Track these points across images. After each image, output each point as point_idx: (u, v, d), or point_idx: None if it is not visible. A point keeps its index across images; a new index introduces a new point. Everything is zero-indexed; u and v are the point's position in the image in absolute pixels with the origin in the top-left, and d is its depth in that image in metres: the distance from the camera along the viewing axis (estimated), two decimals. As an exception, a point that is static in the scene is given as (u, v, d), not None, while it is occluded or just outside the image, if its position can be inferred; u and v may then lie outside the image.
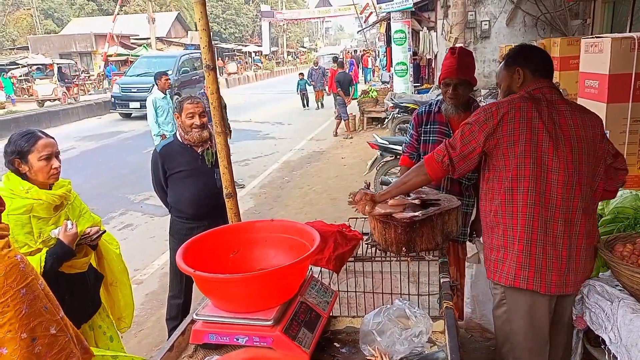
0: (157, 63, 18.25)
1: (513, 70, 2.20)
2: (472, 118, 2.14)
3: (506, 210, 2.11)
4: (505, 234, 2.13)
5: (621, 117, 4.11)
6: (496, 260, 2.18)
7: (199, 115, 3.23)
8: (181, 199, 3.36)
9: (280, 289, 1.67)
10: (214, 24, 46.40)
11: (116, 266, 2.65)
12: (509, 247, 2.13)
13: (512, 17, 11.42)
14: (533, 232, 2.07)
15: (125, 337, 3.99)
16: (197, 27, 2.63)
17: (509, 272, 2.13)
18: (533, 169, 2.05)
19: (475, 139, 2.11)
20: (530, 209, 2.07)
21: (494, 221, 2.17)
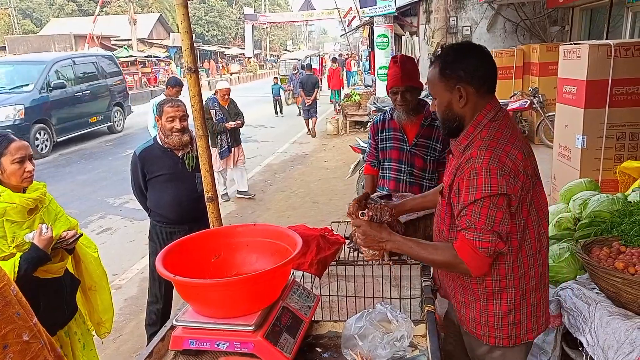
0: (10, 73, 12.53)
1: (452, 86, 1.77)
2: (493, 186, 1.65)
3: (519, 270, 1.81)
4: (519, 294, 1.83)
5: (598, 122, 4.21)
6: (504, 327, 1.85)
7: (179, 119, 3.19)
8: (161, 203, 3.32)
9: (261, 294, 1.66)
10: (196, 26, 46.13)
11: (94, 270, 2.60)
12: (524, 306, 1.84)
13: (493, 23, 11.61)
14: (545, 275, 1.90)
15: (104, 344, 3.92)
16: (179, 29, 2.60)
17: (523, 330, 1.87)
18: (530, 217, 1.79)
19: (511, 208, 1.71)
20: (541, 256, 1.86)
21: (499, 287, 1.82)
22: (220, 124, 6.92)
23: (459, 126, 1.81)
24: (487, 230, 1.67)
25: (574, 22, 9.77)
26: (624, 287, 1.95)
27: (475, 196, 1.67)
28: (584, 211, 2.86)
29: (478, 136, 1.75)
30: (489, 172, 1.65)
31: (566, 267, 2.48)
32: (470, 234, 1.70)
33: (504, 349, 1.89)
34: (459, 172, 1.74)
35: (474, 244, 1.69)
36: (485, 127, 1.75)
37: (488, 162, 1.66)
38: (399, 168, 3.10)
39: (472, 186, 1.68)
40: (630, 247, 2.22)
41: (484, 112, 1.77)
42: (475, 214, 1.68)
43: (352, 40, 31.13)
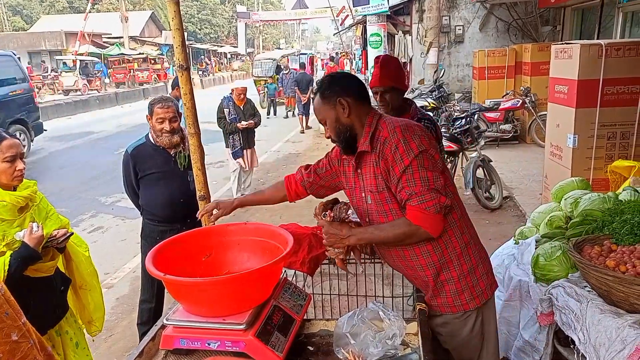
0: None
1: (334, 102, 1.93)
2: (413, 148, 1.82)
3: (467, 224, 2.02)
4: (477, 246, 2.04)
5: (589, 121, 4.23)
6: (471, 287, 1.98)
7: (169, 120, 3.16)
8: (153, 201, 3.30)
9: (252, 293, 1.65)
10: (189, 24, 45.93)
11: (85, 269, 2.58)
12: (484, 257, 2.06)
13: (485, 22, 11.66)
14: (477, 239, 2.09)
15: (96, 342, 3.90)
16: (170, 26, 2.58)
17: (484, 287, 2.01)
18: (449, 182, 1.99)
19: (437, 162, 1.89)
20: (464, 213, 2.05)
21: (463, 243, 1.97)
22: (232, 124, 6.70)
23: (352, 135, 1.96)
24: (425, 190, 1.81)
25: (565, 22, 9.83)
26: (615, 285, 1.96)
27: (404, 163, 1.82)
28: (575, 210, 2.87)
29: (379, 128, 1.92)
30: (405, 140, 1.83)
31: (558, 265, 2.49)
32: (414, 200, 1.82)
33: (478, 308, 2.02)
34: (381, 157, 1.88)
35: (421, 207, 1.81)
36: (382, 123, 1.93)
37: (401, 132, 1.85)
38: None
39: (397, 158, 1.83)
40: (621, 245, 2.23)
41: (370, 114, 1.96)
42: (410, 181, 1.82)
43: (346, 39, 31.17)
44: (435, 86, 10.08)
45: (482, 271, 2.02)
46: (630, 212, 2.35)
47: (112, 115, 19.56)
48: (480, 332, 2.09)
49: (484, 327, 2.09)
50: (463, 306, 1.99)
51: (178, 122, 3.21)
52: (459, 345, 2.12)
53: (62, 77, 25.36)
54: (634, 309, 1.95)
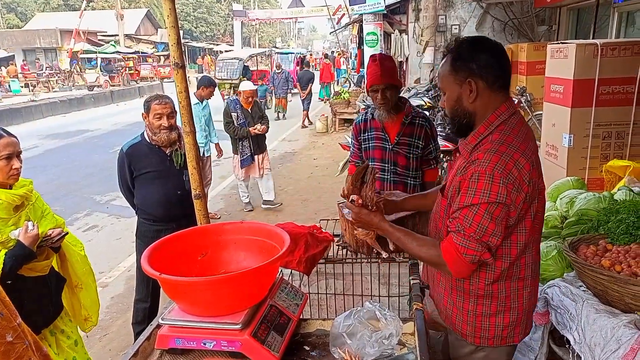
0: None
1: (462, 79, 1.68)
2: (492, 192, 1.58)
3: (514, 275, 1.77)
4: (510, 298, 1.80)
5: (584, 121, 4.24)
6: (477, 327, 1.84)
7: (167, 116, 3.15)
8: (148, 200, 3.28)
9: (248, 292, 1.64)
10: (184, 22, 45.79)
11: (80, 268, 2.57)
12: (513, 310, 1.81)
13: (482, 21, 11.66)
14: (537, 281, 1.87)
15: (90, 342, 3.89)
16: (165, 23, 2.57)
17: (493, 335, 1.84)
18: (535, 227, 1.74)
19: (509, 219, 1.64)
20: (535, 267, 1.84)
21: (491, 290, 1.78)
22: (242, 129, 6.26)
23: (468, 123, 1.72)
24: (475, 238, 1.63)
25: (561, 21, 9.85)
26: (610, 285, 1.97)
27: (472, 200, 1.62)
28: (571, 209, 2.89)
29: (489, 138, 1.67)
30: (491, 178, 1.58)
31: (553, 265, 2.50)
32: (458, 237, 1.66)
33: (489, 349, 1.87)
34: (462, 172, 1.69)
35: (459, 249, 1.65)
36: (497, 130, 1.67)
37: (493, 167, 1.58)
38: (382, 167, 3.10)
39: (471, 188, 1.62)
40: (616, 245, 2.24)
41: (497, 112, 1.68)
42: (468, 219, 1.64)
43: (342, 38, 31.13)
44: (432, 85, 10.08)
45: (508, 321, 1.81)
46: (625, 211, 2.36)
47: (107, 113, 19.48)
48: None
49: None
50: (461, 334, 1.91)
51: (175, 119, 3.19)
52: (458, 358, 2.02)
53: (85, 74, 27.98)
54: (629, 308, 1.96)
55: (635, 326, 1.86)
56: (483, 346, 1.86)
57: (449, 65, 1.71)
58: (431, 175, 3.26)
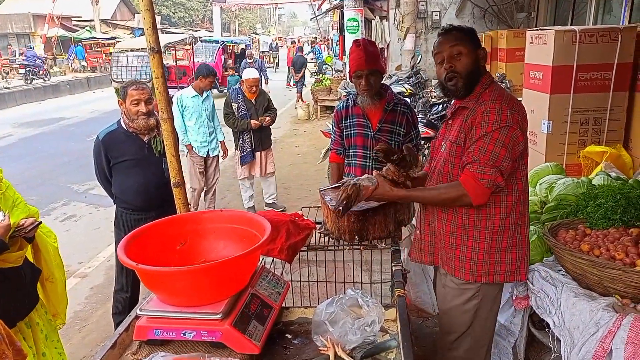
0: None
1: (477, 47, 2.07)
2: (503, 120, 1.90)
3: (520, 211, 2.06)
4: (517, 233, 2.08)
5: (563, 107, 4.27)
6: (479, 262, 2.07)
7: (144, 102, 3.08)
8: (127, 189, 3.22)
9: (229, 281, 1.61)
10: (162, 7, 44.88)
11: (52, 261, 2.50)
12: (518, 245, 2.09)
13: (461, 8, 11.68)
14: (529, 224, 2.17)
15: (69, 333, 3.83)
16: (140, 7, 2.49)
17: (493, 270, 2.08)
18: (526, 168, 2.08)
19: (518, 144, 1.93)
20: (528, 205, 2.14)
21: (503, 225, 2.04)
22: (243, 121, 5.62)
23: (474, 81, 2.04)
24: (489, 164, 1.89)
25: (539, 8, 9.90)
26: (589, 268, 1.99)
27: (486, 129, 1.90)
28: (550, 195, 2.91)
29: (486, 91, 2.02)
30: (500, 110, 1.91)
31: (533, 249, 2.51)
32: (474, 166, 1.92)
33: (488, 289, 2.12)
34: (471, 114, 1.97)
35: (477, 175, 1.91)
36: (490, 86, 2.04)
37: (501, 102, 1.94)
38: (364, 154, 3.08)
39: (483, 121, 1.92)
40: (595, 229, 2.27)
41: (486, 75, 2.07)
42: (482, 149, 1.91)
43: (323, 25, 30.88)
44: (413, 72, 10.05)
45: (503, 258, 2.07)
46: (603, 196, 2.38)
47: (84, 100, 19.05)
48: (474, 311, 2.15)
49: (479, 309, 2.15)
50: (464, 274, 2.09)
51: (153, 104, 3.12)
52: (448, 311, 2.21)
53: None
54: (607, 292, 1.99)
55: (613, 309, 1.89)
56: (489, 285, 2.11)
57: (464, 34, 2.05)
58: None
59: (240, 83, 5.95)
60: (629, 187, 2.56)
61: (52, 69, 25.74)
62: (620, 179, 3.02)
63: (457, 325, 2.21)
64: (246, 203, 6.15)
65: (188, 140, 5.57)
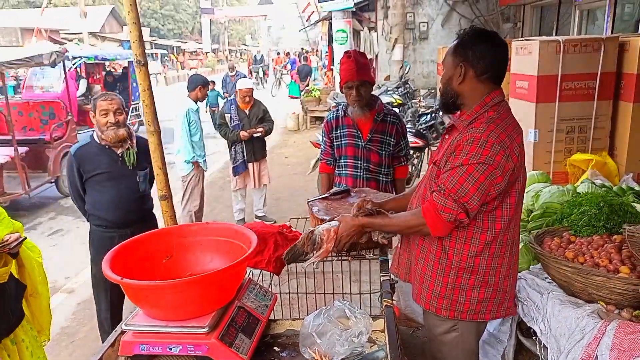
0: None
1: (457, 63, 1.85)
2: (482, 155, 1.72)
3: (495, 252, 1.89)
4: (489, 275, 1.90)
5: (549, 116, 4.32)
6: (454, 300, 1.94)
7: (113, 112, 2.98)
8: (100, 204, 3.11)
9: (215, 294, 1.61)
10: (151, 20, 44.93)
11: (36, 276, 2.47)
12: (489, 286, 1.92)
13: (448, 19, 11.83)
14: (515, 265, 2.00)
15: (56, 349, 3.77)
16: (127, 20, 2.50)
17: (468, 308, 1.94)
18: (518, 206, 1.89)
19: (494, 185, 1.75)
20: (516, 246, 1.97)
21: (473, 263, 1.88)
22: (233, 132, 5.56)
23: (454, 102, 1.89)
24: (454, 198, 1.75)
25: (525, 19, 10.06)
26: (574, 276, 2.01)
27: (462, 161, 1.75)
28: (536, 203, 2.94)
29: (484, 115, 1.82)
30: (485, 143, 1.73)
31: (520, 257, 2.54)
32: (437, 196, 1.80)
33: (462, 327, 1.97)
34: (458, 138, 1.81)
35: (437, 207, 1.78)
36: (492, 109, 1.83)
37: (488, 134, 1.74)
38: (355, 164, 3.09)
39: (464, 151, 1.75)
40: (579, 237, 2.29)
41: (492, 95, 1.85)
42: (453, 179, 1.76)
43: (313, 36, 31.09)
44: (401, 82, 10.16)
45: (482, 297, 1.92)
46: (587, 204, 2.41)
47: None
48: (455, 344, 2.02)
49: (460, 343, 2.02)
50: (436, 310, 1.98)
51: (124, 116, 3.05)
52: (431, 341, 2.11)
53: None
54: (592, 298, 2.01)
55: (598, 316, 1.90)
56: (456, 322, 1.96)
57: (453, 47, 1.88)
58: (401, 172, 3.28)
59: (235, 93, 5.90)
60: (613, 194, 2.59)
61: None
62: (605, 186, 3.06)
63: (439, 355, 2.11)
64: (236, 215, 6.09)
65: (195, 157, 5.33)
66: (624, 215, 2.32)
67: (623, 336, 1.74)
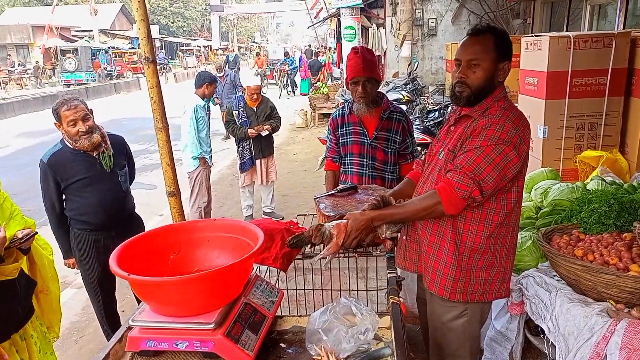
0: None
1: (501, 60, 1.92)
2: (500, 137, 1.82)
3: (502, 232, 1.96)
4: (495, 255, 1.98)
5: (558, 112, 4.28)
6: (466, 282, 1.99)
7: (81, 120, 2.86)
8: (84, 209, 3.04)
9: (221, 291, 1.61)
10: (161, 17, 45.16)
11: (47, 273, 2.49)
12: (494, 266, 1.99)
13: (457, 15, 11.74)
14: (515, 246, 2.08)
15: (66, 344, 3.81)
16: (135, 17, 2.51)
17: (477, 289, 2.01)
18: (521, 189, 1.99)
19: (510, 167, 1.83)
20: (517, 227, 2.04)
21: (485, 244, 1.95)
22: (241, 129, 5.60)
23: (484, 95, 1.95)
24: (469, 176, 1.81)
25: (535, 14, 9.96)
26: (583, 274, 1.99)
27: (481, 143, 1.83)
28: (545, 200, 2.92)
29: (496, 104, 1.92)
30: (502, 127, 1.83)
31: (528, 255, 2.52)
32: (453, 174, 1.85)
33: (470, 306, 2.04)
34: (474, 124, 1.90)
35: (453, 184, 1.83)
36: (502, 99, 1.95)
37: (505, 119, 1.85)
38: (360, 162, 3.08)
39: (481, 134, 1.84)
40: (589, 234, 2.27)
41: (500, 88, 1.97)
42: (469, 160, 1.83)
43: (321, 33, 31.03)
44: (410, 79, 10.09)
45: (487, 277, 1.99)
46: (597, 201, 2.38)
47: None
48: (463, 330, 2.07)
49: (467, 328, 2.07)
50: (450, 293, 2.02)
51: (92, 119, 2.93)
52: (437, 329, 2.14)
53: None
54: (601, 297, 1.99)
55: (607, 314, 1.88)
56: (467, 305, 2.03)
57: (493, 44, 1.91)
58: (407, 170, 3.25)
59: (243, 90, 5.95)
60: (623, 191, 2.56)
61: (50, 79, 25.87)
62: (616, 183, 3.02)
63: (445, 343, 2.14)
64: (245, 211, 6.13)
65: (202, 153, 5.33)
66: (635, 213, 2.29)
67: (633, 335, 1.73)
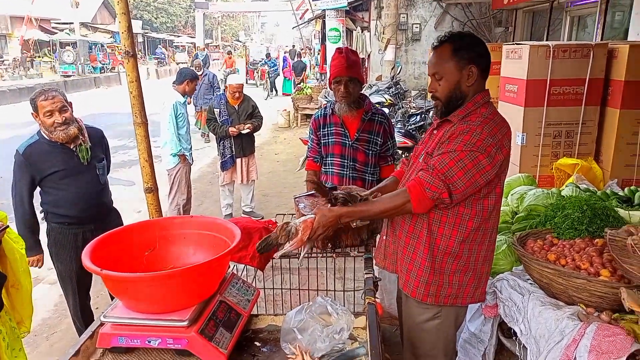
0: None
1: (463, 66, 1.89)
2: (476, 144, 1.80)
3: (477, 238, 1.96)
4: (470, 259, 1.98)
5: (537, 120, 4.35)
6: (439, 285, 2.00)
7: (58, 111, 2.81)
8: (62, 201, 2.97)
9: (196, 288, 1.59)
10: (144, 12, 44.61)
11: (19, 267, 2.44)
12: (469, 271, 1.99)
13: (441, 21, 11.88)
14: (492, 252, 2.08)
15: (37, 340, 3.73)
16: (116, 10, 2.47)
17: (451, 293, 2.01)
18: (501, 196, 1.98)
19: (482, 175, 1.82)
20: (494, 234, 2.04)
21: (458, 248, 1.95)
22: (222, 127, 5.56)
23: (459, 105, 1.93)
24: (441, 178, 1.81)
25: (517, 23, 10.13)
26: (555, 277, 2.03)
27: (455, 147, 1.82)
28: (521, 205, 2.96)
29: (477, 111, 1.90)
30: (479, 135, 1.81)
31: (503, 258, 2.56)
32: (425, 174, 1.85)
33: (443, 309, 2.05)
34: (452, 129, 1.89)
35: (424, 184, 1.83)
36: (484, 106, 1.92)
37: (483, 127, 1.83)
38: (341, 163, 3.09)
39: (457, 139, 1.83)
40: (562, 239, 2.31)
41: (483, 93, 1.94)
42: (443, 162, 1.83)
43: (306, 34, 31.02)
44: (393, 83, 10.17)
45: (461, 281, 2.00)
46: (571, 207, 2.43)
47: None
48: (436, 332, 2.09)
49: (440, 330, 2.09)
50: (422, 296, 2.03)
51: (70, 111, 2.88)
52: (412, 329, 2.16)
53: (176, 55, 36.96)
54: (572, 300, 2.03)
55: (577, 318, 1.92)
56: (440, 308, 2.04)
57: (451, 52, 1.90)
58: (388, 172, 3.28)
59: (225, 88, 5.92)
60: (596, 198, 2.62)
61: (29, 71, 25.32)
62: (590, 191, 3.09)
63: (418, 343, 2.16)
64: (224, 210, 6.09)
65: (182, 150, 5.30)
66: (607, 220, 2.34)
67: (602, 339, 1.76)
